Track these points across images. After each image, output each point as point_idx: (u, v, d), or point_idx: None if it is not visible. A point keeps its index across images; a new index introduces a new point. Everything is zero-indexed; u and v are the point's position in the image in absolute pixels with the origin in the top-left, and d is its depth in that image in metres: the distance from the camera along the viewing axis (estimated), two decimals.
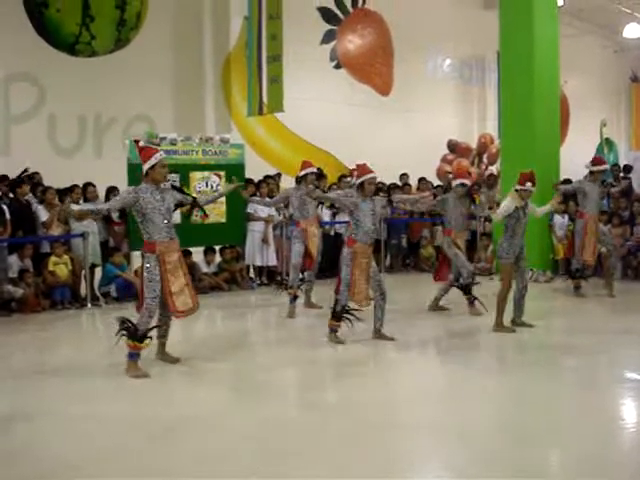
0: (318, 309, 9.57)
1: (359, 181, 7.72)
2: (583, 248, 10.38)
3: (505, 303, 8.17)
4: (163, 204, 6.74)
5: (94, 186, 10.86)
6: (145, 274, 6.56)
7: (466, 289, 9.27)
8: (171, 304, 6.64)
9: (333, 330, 7.77)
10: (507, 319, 8.24)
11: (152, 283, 6.52)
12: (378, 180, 8.76)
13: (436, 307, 9.52)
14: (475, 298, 9.22)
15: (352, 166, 8.40)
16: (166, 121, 13.55)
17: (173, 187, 7.24)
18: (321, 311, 9.33)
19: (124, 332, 6.58)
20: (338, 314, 7.70)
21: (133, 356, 6.57)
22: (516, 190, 8.09)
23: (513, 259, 8.13)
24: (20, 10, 10.55)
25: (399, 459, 4.59)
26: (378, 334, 7.82)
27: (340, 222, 12.53)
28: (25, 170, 11.06)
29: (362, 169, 7.77)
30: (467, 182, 9.46)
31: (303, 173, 9.42)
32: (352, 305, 7.69)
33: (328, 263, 11.20)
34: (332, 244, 11.71)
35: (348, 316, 7.73)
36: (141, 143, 8.82)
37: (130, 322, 6.57)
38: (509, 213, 8.05)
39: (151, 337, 6.65)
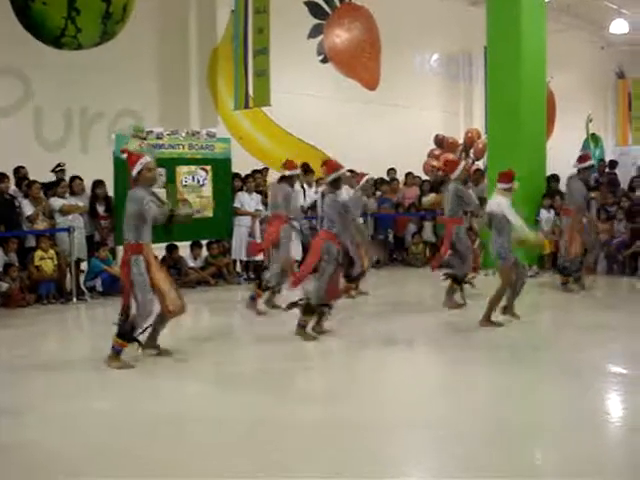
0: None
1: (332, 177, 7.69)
2: (571, 243, 10.43)
3: (500, 302, 8.18)
4: (152, 207, 6.82)
5: (81, 179, 10.82)
6: (137, 277, 6.59)
7: (457, 280, 9.27)
8: (162, 302, 6.68)
9: (302, 325, 7.71)
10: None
11: (146, 286, 6.58)
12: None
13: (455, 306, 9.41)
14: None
15: (339, 161, 8.34)
16: (152, 115, 13.49)
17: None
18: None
19: (119, 328, 6.60)
20: (310, 309, 7.67)
21: (118, 351, 6.60)
22: (504, 189, 8.07)
23: (513, 258, 8.13)
24: (5, 3, 10.47)
25: (387, 457, 4.58)
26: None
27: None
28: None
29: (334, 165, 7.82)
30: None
31: (289, 174, 9.41)
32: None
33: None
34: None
35: (321, 310, 7.71)
36: (128, 149, 8.79)
37: (131, 324, 6.60)
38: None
39: (139, 341, 6.69)
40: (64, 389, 6.04)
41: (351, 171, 13.13)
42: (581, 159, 10.63)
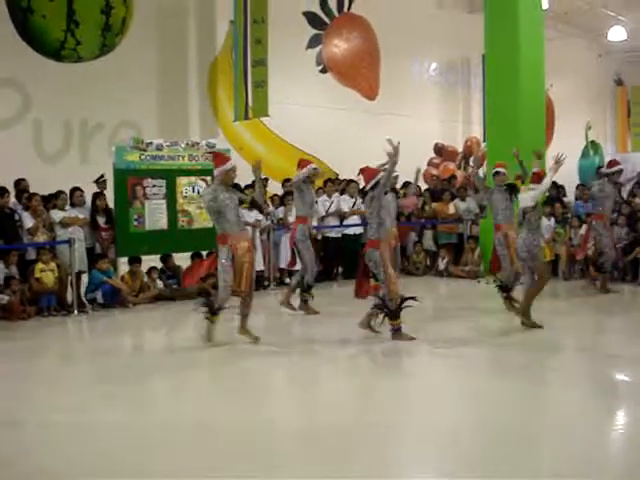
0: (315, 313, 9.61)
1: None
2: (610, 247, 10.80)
3: (535, 296, 8.14)
4: (232, 202, 7.64)
5: (81, 191, 10.80)
6: (219, 265, 7.64)
7: (505, 289, 9.26)
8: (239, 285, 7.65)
9: (399, 329, 7.77)
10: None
11: (225, 274, 7.57)
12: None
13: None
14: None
15: (339, 170, 8.40)
16: (152, 126, 13.52)
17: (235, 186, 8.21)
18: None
19: (205, 308, 7.69)
20: (395, 312, 7.73)
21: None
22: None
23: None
24: (5, 16, 10.51)
25: (387, 460, 4.59)
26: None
27: (329, 227, 12.57)
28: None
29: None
30: (502, 170, 9.40)
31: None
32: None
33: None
34: (321, 248, 11.82)
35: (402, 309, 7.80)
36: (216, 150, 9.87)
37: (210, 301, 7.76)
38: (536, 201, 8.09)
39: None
40: (64, 403, 6.01)
41: (351, 181, 13.18)
42: (610, 164, 10.92)
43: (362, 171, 8.42)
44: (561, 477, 4.39)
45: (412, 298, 7.78)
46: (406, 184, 14.82)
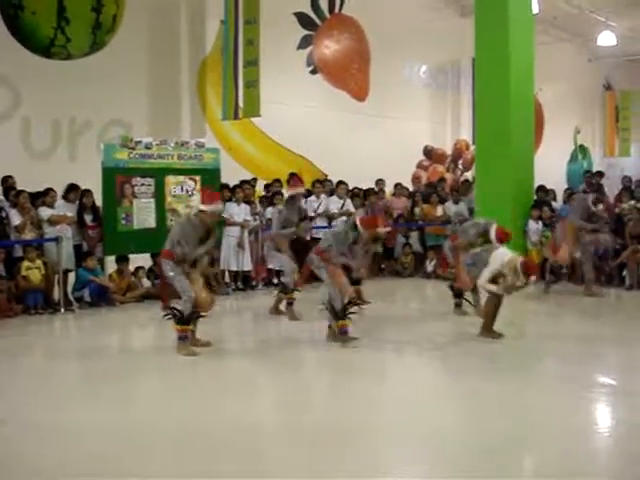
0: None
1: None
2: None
3: (496, 310, 8.12)
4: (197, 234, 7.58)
5: (78, 188, 10.75)
6: (167, 272, 7.46)
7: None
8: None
9: (345, 331, 7.79)
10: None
11: (178, 275, 7.42)
12: (354, 185, 8.88)
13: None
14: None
15: (328, 171, 8.41)
16: (141, 125, 13.48)
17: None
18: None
19: (172, 318, 7.46)
20: (341, 314, 7.76)
21: (182, 338, 7.43)
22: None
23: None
24: None
25: (373, 461, 4.60)
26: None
27: (317, 227, 12.55)
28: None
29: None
30: None
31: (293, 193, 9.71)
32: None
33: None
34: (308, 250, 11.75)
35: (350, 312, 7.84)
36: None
37: (177, 310, 7.43)
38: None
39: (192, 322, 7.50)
40: (50, 401, 5.99)
41: (341, 182, 13.20)
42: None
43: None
44: (546, 477, 4.42)
45: (358, 304, 7.95)
46: (396, 185, 14.91)
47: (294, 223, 9.62)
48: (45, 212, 10.32)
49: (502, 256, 7.64)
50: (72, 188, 10.76)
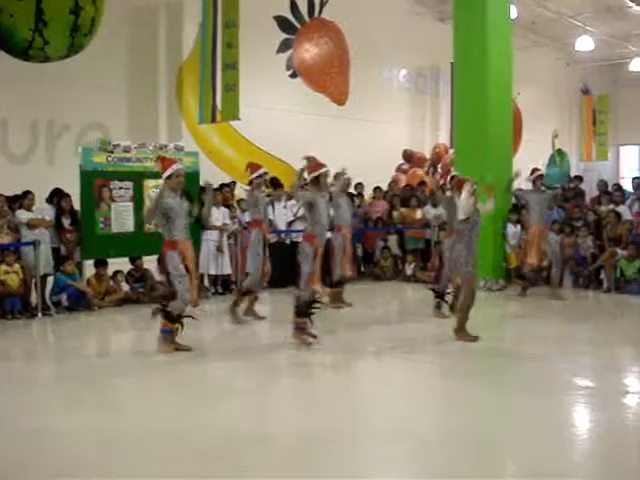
0: (260, 318, 9.62)
1: (313, 175, 7.83)
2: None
3: (468, 312, 8.14)
4: (181, 209, 7.57)
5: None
6: (171, 269, 7.43)
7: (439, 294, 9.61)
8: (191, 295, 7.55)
9: (301, 328, 7.75)
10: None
11: (181, 276, 7.41)
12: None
13: None
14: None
15: (307, 175, 8.38)
16: (120, 128, 13.42)
17: (185, 193, 7.91)
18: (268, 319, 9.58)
19: (162, 313, 7.50)
20: (303, 310, 7.69)
21: (166, 332, 7.51)
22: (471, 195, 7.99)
23: (475, 271, 8.10)
24: None
25: (352, 462, 4.61)
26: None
27: (297, 231, 12.52)
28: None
29: (315, 164, 7.90)
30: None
31: (256, 175, 9.47)
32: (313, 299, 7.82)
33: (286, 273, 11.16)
34: (289, 253, 11.73)
35: (313, 310, 7.82)
36: (162, 154, 9.43)
37: (166, 307, 7.48)
38: (468, 216, 7.97)
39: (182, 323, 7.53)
40: (28, 406, 5.95)
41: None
42: (533, 170, 11.29)
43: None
44: (523, 478, 4.45)
45: (318, 302, 7.95)
46: (375, 189, 14.92)
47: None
48: (23, 215, 10.23)
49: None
50: (56, 192, 10.69)
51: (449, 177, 9.36)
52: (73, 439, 5.11)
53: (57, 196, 10.70)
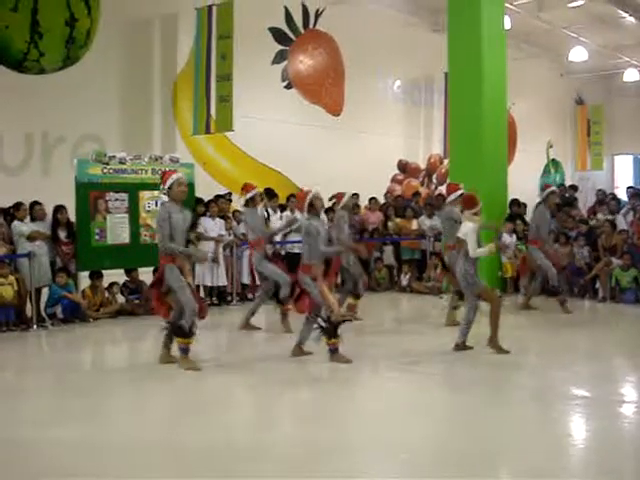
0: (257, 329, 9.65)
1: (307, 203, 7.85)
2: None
3: (498, 320, 8.12)
4: (184, 223, 7.52)
5: (40, 204, 10.65)
6: (172, 283, 7.41)
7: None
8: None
9: (335, 349, 7.69)
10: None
11: (184, 287, 7.38)
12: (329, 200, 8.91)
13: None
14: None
15: (303, 185, 8.42)
16: (115, 140, 13.40)
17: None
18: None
19: (175, 333, 7.44)
20: (331, 331, 7.64)
21: (185, 351, 7.40)
22: (473, 214, 8.02)
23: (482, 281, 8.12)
24: None
25: (343, 472, 4.59)
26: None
27: (292, 242, 12.51)
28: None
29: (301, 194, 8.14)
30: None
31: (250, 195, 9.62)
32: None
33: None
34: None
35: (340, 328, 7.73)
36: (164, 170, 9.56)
37: (179, 324, 7.38)
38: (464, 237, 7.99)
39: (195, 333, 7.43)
40: (24, 417, 5.94)
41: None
42: (544, 188, 11.30)
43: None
44: None
45: (349, 320, 7.99)
46: (371, 200, 14.94)
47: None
48: (22, 227, 10.22)
49: (464, 228, 7.98)
50: (59, 208, 10.69)
51: (458, 193, 9.39)
52: (64, 449, 5.09)
53: (59, 212, 10.69)
